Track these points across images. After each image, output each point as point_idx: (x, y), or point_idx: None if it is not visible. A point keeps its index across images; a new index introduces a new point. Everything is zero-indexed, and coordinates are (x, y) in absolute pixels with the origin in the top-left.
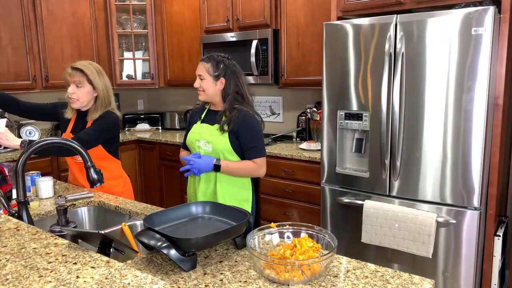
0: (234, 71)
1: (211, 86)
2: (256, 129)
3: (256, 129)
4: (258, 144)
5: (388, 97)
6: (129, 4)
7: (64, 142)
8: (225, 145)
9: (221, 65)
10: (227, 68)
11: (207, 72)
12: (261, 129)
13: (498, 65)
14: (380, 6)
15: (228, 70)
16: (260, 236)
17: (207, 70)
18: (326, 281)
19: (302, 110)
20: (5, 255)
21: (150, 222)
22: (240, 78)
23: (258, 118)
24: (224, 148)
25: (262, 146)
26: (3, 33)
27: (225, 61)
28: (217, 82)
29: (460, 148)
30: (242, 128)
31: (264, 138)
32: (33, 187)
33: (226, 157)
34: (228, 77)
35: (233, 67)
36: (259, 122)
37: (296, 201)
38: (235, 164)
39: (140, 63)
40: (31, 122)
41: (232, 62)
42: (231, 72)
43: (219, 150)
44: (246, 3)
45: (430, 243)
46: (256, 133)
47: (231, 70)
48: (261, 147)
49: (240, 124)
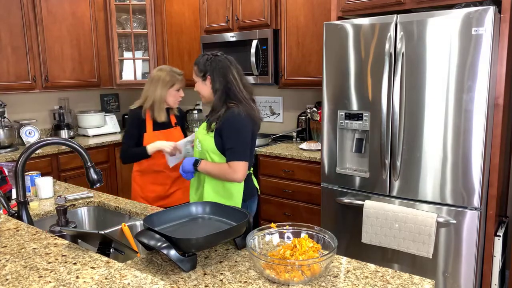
0: (221, 66)
1: (203, 87)
2: (236, 129)
3: (235, 129)
4: (236, 147)
5: (388, 97)
6: (129, 4)
7: (64, 142)
8: (210, 145)
9: (207, 63)
10: (210, 65)
11: (196, 74)
12: (244, 131)
13: (498, 65)
14: (380, 6)
15: (213, 66)
16: (260, 236)
17: (195, 72)
18: (326, 281)
19: (302, 110)
20: (5, 255)
21: (150, 222)
22: (229, 73)
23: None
24: (209, 147)
25: (241, 149)
26: (3, 33)
27: (210, 57)
28: (206, 81)
29: (460, 148)
30: (225, 127)
31: (248, 140)
32: (33, 187)
33: (211, 157)
34: (212, 73)
35: (220, 62)
36: (243, 122)
37: (296, 201)
38: (211, 166)
39: (140, 63)
40: (31, 122)
41: (219, 57)
42: (217, 68)
43: (205, 150)
44: (246, 3)
45: (430, 243)
46: (234, 134)
47: (216, 65)
48: (238, 150)
49: (224, 123)
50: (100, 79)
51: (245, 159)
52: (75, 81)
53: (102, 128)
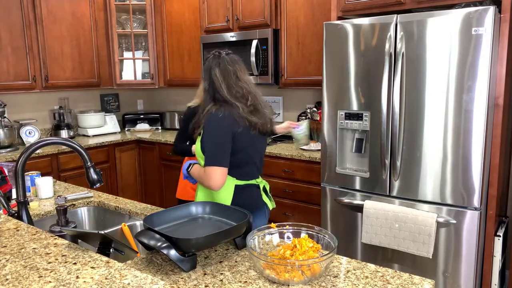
0: (206, 67)
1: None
2: (209, 131)
3: (209, 131)
4: (208, 150)
5: (388, 97)
6: (129, 4)
7: (64, 142)
8: (198, 149)
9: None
10: (204, 64)
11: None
12: (219, 133)
13: (498, 65)
14: (380, 6)
15: (205, 65)
16: (260, 236)
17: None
18: (326, 281)
19: (302, 110)
20: (4, 255)
21: (150, 222)
22: (215, 71)
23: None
24: (197, 151)
25: (215, 153)
26: (3, 33)
27: (210, 56)
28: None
29: (460, 148)
30: (204, 130)
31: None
32: (33, 187)
33: (200, 162)
34: (204, 73)
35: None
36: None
37: (296, 201)
38: (196, 170)
39: (140, 63)
40: (31, 122)
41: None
42: (205, 68)
43: (197, 154)
44: (246, 3)
45: (430, 243)
46: (208, 136)
47: (206, 65)
48: (212, 154)
49: (204, 125)
50: (100, 79)
51: (219, 164)
52: (75, 81)
53: (102, 128)
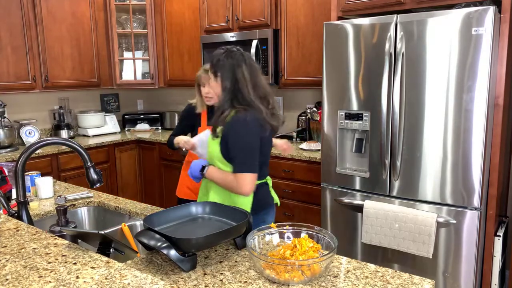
0: (229, 64)
1: (214, 85)
2: (239, 137)
3: (238, 137)
4: (240, 156)
5: (388, 97)
6: (129, 4)
7: (64, 142)
8: (216, 152)
9: (220, 58)
10: (221, 60)
11: (210, 70)
12: (251, 139)
13: (498, 65)
14: (380, 6)
15: (222, 62)
16: (260, 236)
17: (209, 68)
18: (326, 281)
19: (302, 110)
20: (4, 255)
21: (150, 222)
22: (242, 68)
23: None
24: (214, 154)
25: (248, 159)
26: (3, 33)
27: (224, 52)
28: (217, 79)
29: (460, 148)
30: (230, 134)
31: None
32: (33, 187)
33: (218, 165)
34: (221, 70)
35: (231, 59)
36: (249, 129)
37: (296, 201)
38: (218, 174)
39: (140, 63)
40: (31, 122)
41: (234, 53)
42: (226, 65)
43: (211, 156)
44: (246, 3)
45: (430, 243)
46: (238, 142)
47: (225, 62)
48: (244, 161)
49: (228, 128)
50: (100, 79)
51: (252, 171)
52: (75, 81)
53: (102, 128)
